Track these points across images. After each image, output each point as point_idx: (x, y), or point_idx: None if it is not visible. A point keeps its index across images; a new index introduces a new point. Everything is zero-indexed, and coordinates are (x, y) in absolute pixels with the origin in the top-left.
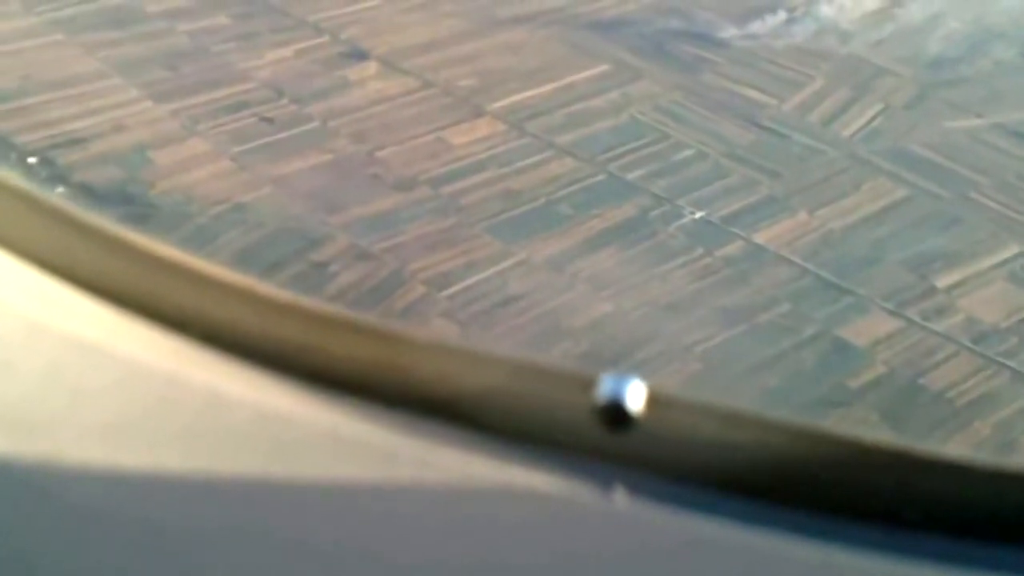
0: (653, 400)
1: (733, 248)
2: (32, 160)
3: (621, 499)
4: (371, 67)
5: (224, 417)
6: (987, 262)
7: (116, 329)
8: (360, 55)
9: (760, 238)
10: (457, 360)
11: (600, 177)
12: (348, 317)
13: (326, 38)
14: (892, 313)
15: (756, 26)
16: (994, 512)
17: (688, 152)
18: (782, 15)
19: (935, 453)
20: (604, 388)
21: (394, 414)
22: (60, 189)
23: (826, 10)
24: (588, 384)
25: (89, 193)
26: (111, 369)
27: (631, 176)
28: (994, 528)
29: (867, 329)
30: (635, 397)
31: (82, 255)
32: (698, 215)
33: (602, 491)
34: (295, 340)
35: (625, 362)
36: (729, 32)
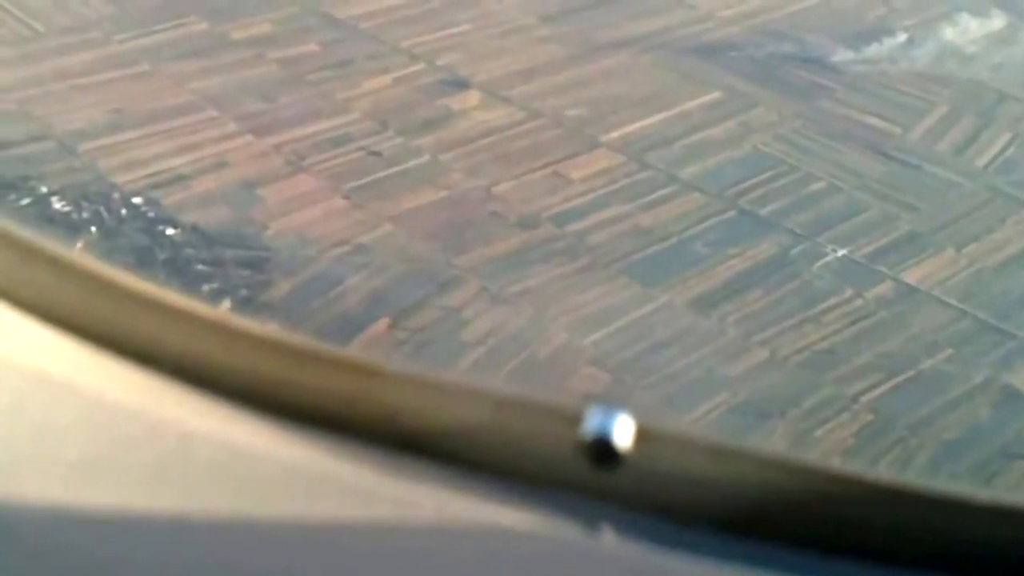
0: (642, 435)
1: (884, 289)
2: (137, 200)
3: (608, 538)
4: (473, 96)
5: (194, 454)
6: None
7: (81, 364)
8: (460, 83)
9: (910, 278)
10: (437, 394)
11: (731, 213)
12: (322, 349)
13: (422, 65)
14: None
15: (872, 50)
16: (991, 549)
17: (819, 185)
18: (901, 37)
19: (930, 489)
20: (591, 423)
21: (372, 450)
22: (170, 232)
23: (948, 32)
24: (574, 419)
25: (201, 236)
26: (76, 405)
27: (764, 212)
28: (992, 566)
29: None
30: (623, 432)
31: (44, 286)
32: (840, 253)
33: (589, 530)
34: (268, 374)
35: (788, 414)
36: (843, 56)
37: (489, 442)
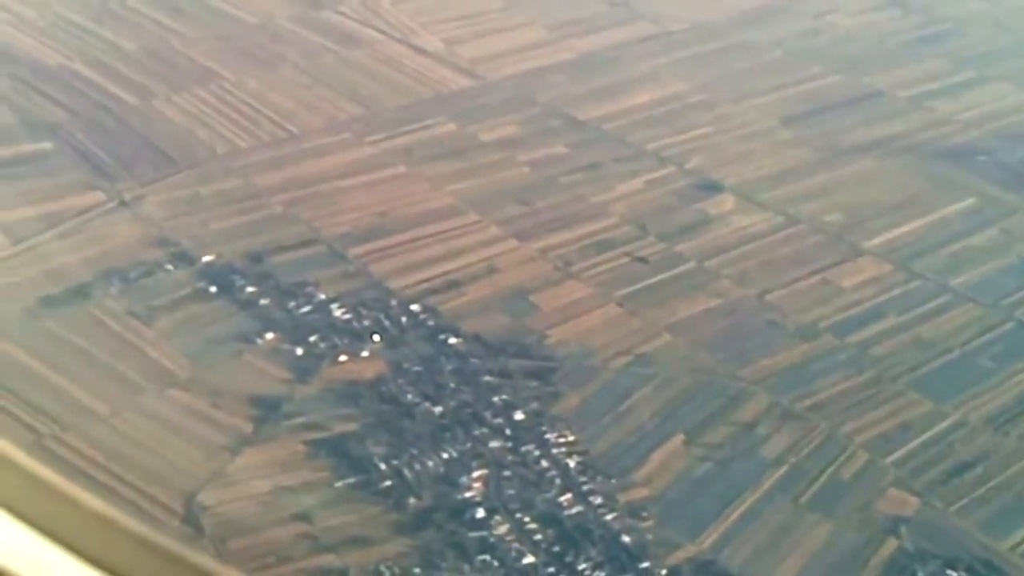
0: None
1: None
2: (414, 307)
3: None
4: (728, 200)
5: None
6: None
7: None
8: (713, 187)
9: None
10: None
11: (1009, 325)
12: None
13: (672, 168)
14: None
15: None
16: None
17: None
18: None
19: None
20: None
21: None
22: (453, 341)
23: None
24: None
25: (483, 345)
26: None
27: None
28: None
29: None
30: None
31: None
32: None
33: None
34: None
35: None
36: None
37: None
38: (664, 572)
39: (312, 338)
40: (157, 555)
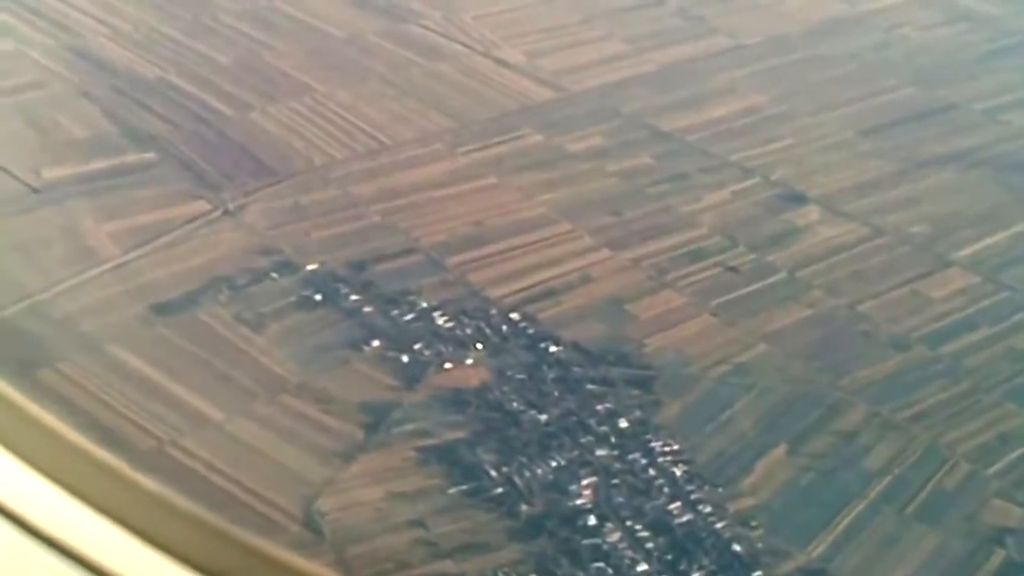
0: None
1: None
2: (514, 316)
3: None
4: (813, 211)
5: None
6: None
7: None
8: (798, 198)
9: None
10: None
11: None
12: None
13: (757, 179)
14: None
15: None
16: None
17: None
18: None
19: None
20: None
21: None
22: (554, 349)
23: None
24: None
25: (584, 354)
26: None
27: None
28: None
29: None
30: None
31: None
32: None
33: None
34: None
35: None
36: None
37: None
38: None
39: (417, 346)
40: (272, 566)
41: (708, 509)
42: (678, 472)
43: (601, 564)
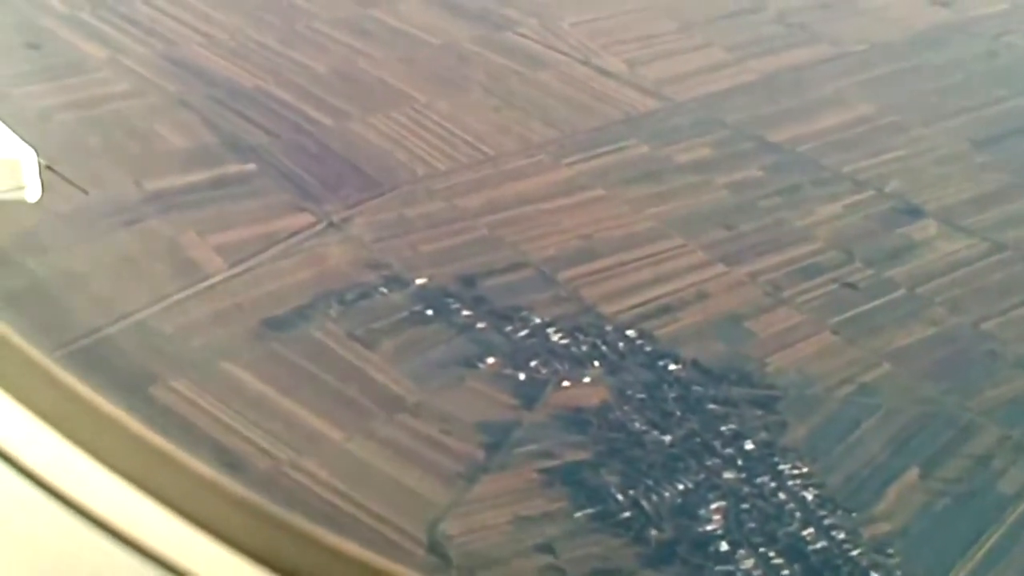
0: None
1: None
2: (631, 333)
3: None
4: (931, 225)
5: None
6: None
7: None
8: (914, 212)
9: None
10: None
11: None
12: None
13: (871, 192)
14: None
15: None
16: None
17: None
18: None
19: None
20: None
21: None
22: (673, 367)
23: None
24: None
25: (704, 372)
26: None
27: None
28: None
29: None
30: None
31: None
32: None
33: None
34: None
35: None
36: None
37: None
38: None
39: (533, 363)
40: None
41: (842, 535)
42: (809, 496)
43: None
